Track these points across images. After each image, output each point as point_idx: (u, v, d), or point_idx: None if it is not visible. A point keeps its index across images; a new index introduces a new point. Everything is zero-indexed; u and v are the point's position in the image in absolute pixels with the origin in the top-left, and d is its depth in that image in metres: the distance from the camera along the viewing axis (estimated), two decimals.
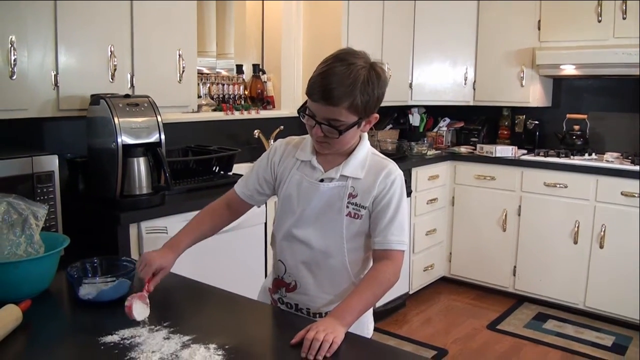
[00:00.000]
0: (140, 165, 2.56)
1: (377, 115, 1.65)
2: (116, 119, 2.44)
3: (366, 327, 1.82)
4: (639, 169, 3.91)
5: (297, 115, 1.68)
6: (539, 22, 4.45)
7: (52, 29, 2.44)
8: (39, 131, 2.80)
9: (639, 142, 4.40)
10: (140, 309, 1.58)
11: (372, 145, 1.81)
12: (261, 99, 4.09)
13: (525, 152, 4.67)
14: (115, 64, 2.68)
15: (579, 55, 4.24)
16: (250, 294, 1.88)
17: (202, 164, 3.15)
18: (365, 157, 1.72)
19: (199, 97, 3.58)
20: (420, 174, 4.36)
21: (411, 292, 4.48)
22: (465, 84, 4.86)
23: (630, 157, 4.17)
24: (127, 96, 2.57)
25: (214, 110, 3.74)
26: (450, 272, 4.86)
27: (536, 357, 3.67)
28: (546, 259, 4.32)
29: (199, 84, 3.55)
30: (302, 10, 4.22)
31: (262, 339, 1.64)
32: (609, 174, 4.02)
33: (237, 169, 3.32)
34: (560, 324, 4.14)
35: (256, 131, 3.83)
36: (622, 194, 3.95)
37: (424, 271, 4.58)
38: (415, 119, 5.11)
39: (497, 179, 4.50)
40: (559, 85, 4.83)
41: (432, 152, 4.75)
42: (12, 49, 2.30)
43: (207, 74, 3.83)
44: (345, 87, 1.53)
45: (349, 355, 1.47)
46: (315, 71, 1.59)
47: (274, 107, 4.19)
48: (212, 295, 1.86)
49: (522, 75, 4.57)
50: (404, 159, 4.38)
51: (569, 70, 4.40)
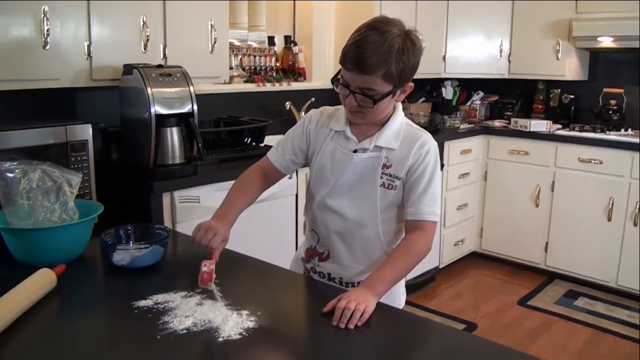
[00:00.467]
0: (173, 135, 2.57)
1: (412, 84, 1.62)
2: (149, 89, 2.45)
3: (398, 298, 1.81)
4: None
5: (329, 87, 1.67)
6: None
7: None
8: (73, 101, 2.83)
9: None
10: None
11: None
12: (292, 71, 4.07)
13: (560, 126, 4.58)
14: (147, 34, 2.68)
15: (616, 27, 4.12)
16: (281, 264, 1.88)
17: (234, 135, 3.16)
18: (399, 127, 1.70)
19: (231, 68, 3.58)
20: (452, 148, 4.32)
21: (441, 267, 4.47)
22: (500, 57, 4.77)
23: None
24: (159, 66, 2.58)
25: (246, 81, 3.73)
26: (481, 247, 4.83)
27: (566, 333, 3.64)
28: (579, 236, 4.26)
29: (230, 56, 3.54)
30: None
31: (294, 307, 1.64)
32: None
33: (269, 140, 3.33)
34: (591, 301, 4.09)
35: (287, 103, 3.83)
36: None
37: (455, 246, 4.56)
38: (448, 92, 5.04)
39: (531, 154, 4.44)
40: (596, 58, 4.70)
41: (464, 126, 4.69)
42: (44, 19, 2.31)
43: (239, 46, 3.82)
44: (379, 56, 1.50)
45: (380, 325, 1.47)
46: (348, 40, 1.57)
47: (305, 79, 4.17)
48: (245, 264, 1.87)
49: (558, 47, 4.46)
50: (436, 132, 4.33)
51: (606, 42, 4.28)
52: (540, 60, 4.60)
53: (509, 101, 4.99)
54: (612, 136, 4.17)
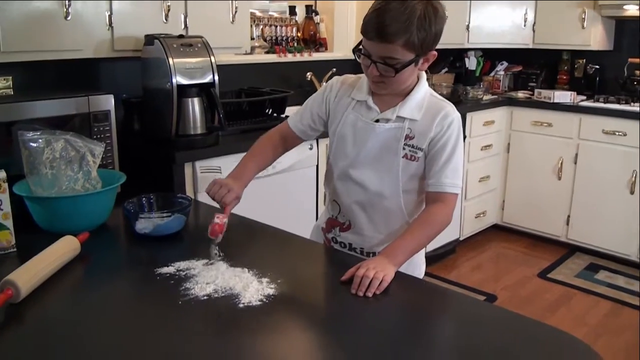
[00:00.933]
0: (194, 105, 2.58)
1: (435, 53, 1.60)
2: (170, 59, 2.46)
3: (418, 267, 1.82)
4: None
5: (350, 57, 1.66)
6: None
7: None
8: (95, 72, 2.85)
9: None
10: None
11: None
12: (314, 41, 4.05)
13: (584, 98, 4.50)
14: (168, 4, 2.68)
15: None
16: (301, 234, 1.89)
17: (255, 106, 3.16)
18: (423, 98, 1.68)
19: (252, 39, 3.57)
20: (475, 119, 4.28)
21: (462, 239, 4.46)
22: (524, 26, 4.69)
23: None
24: (180, 36, 2.58)
25: (267, 52, 3.72)
26: (502, 219, 4.81)
27: (586, 306, 3.63)
28: (601, 209, 4.22)
29: (251, 26, 3.53)
30: None
31: (313, 275, 1.66)
32: None
33: (290, 111, 3.32)
34: (611, 274, 4.07)
35: (308, 73, 3.81)
36: None
37: (476, 218, 4.55)
38: (471, 63, 4.98)
39: (554, 126, 4.38)
40: (622, 27, 4.59)
41: (488, 97, 4.64)
42: None
43: (260, 17, 3.80)
44: (400, 23, 1.48)
45: (399, 293, 1.48)
46: (370, 8, 1.55)
47: (326, 49, 4.14)
48: (266, 233, 1.89)
49: (583, 16, 4.37)
50: (459, 103, 4.29)
51: (632, 10, 4.19)
52: (565, 29, 4.51)
53: (533, 72, 4.92)
54: (636, 107, 4.09)
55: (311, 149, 3.00)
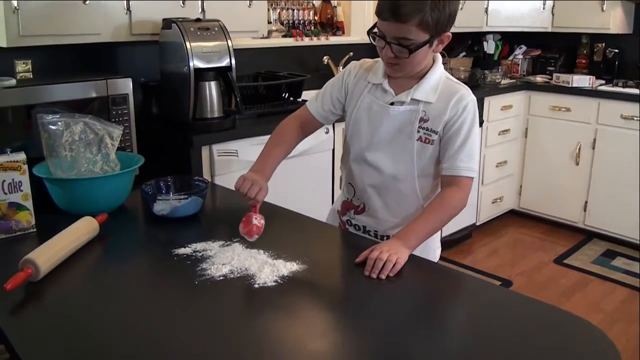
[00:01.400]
0: (211, 89, 2.59)
1: (449, 34, 1.59)
2: (188, 43, 2.47)
3: (432, 251, 1.82)
4: None
5: (367, 41, 1.65)
6: None
7: None
8: (113, 56, 2.87)
9: None
10: None
11: None
12: (331, 25, 4.04)
13: (603, 82, 4.45)
14: None
15: None
16: (317, 218, 1.91)
17: (271, 90, 3.17)
18: (438, 80, 1.67)
19: (269, 22, 3.57)
20: (493, 103, 4.25)
21: (478, 224, 4.45)
22: (543, 9, 4.63)
23: None
24: (198, 20, 2.59)
25: (284, 36, 3.73)
26: (519, 205, 4.78)
27: (602, 293, 3.62)
28: (619, 195, 4.17)
29: (269, 10, 3.53)
30: None
31: (328, 257, 1.67)
32: None
33: (306, 95, 3.32)
34: (628, 261, 4.04)
35: (325, 57, 3.81)
36: None
37: (492, 203, 4.53)
38: (490, 46, 4.93)
39: (573, 111, 4.34)
40: None
41: (506, 81, 4.60)
42: None
43: (277, 0, 3.80)
44: (414, 3, 1.48)
45: (413, 276, 1.49)
46: None
47: (343, 33, 4.13)
48: (282, 215, 1.91)
49: None
50: (477, 88, 4.26)
51: None
52: (584, 12, 4.44)
53: (552, 56, 4.87)
54: None
55: (327, 132, 3.00)
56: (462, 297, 1.50)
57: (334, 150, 3.10)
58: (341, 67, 3.81)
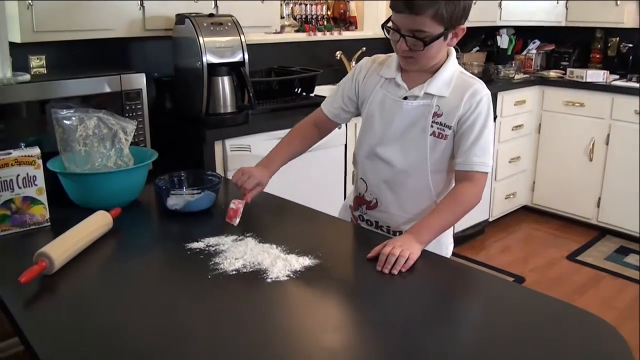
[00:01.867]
0: (224, 84, 2.60)
1: (464, 27, 1.59)
2: (201, 38, 2.47)
3: (445, 247, 1.82)
4: None
5: (380, 36, 1.65)
6: None
7: None
8: (127, 51, 2.88)
9: None
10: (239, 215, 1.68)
11: None
12: (344, 20, 4.03)
13: (617, 77, 4.41)
14: None
15: None
16: (329, 213, 1.91)
17: (284, 85, 3.17)
18: (452, 75, 1.66)
19: (282, 17, 3.57)
20: (506, 98, 4.23)
21: (491, 220, 4.43)
22: (557, 3, 4.59)
23: None
24: (211, 15, 2.59)
25: (297, 31, 3.72)
26: (532, 201, 4.75)
27: (614, 289, 3.60)
28: (632, 192, 4.13)
29: (281, 5, 3.53)
30: None
31: (340, 252, 1.67)
32: None
33: (319, 90, 3.32)
34: None
35: (338, 52, 3.80)
36: None
37: (505, 199, 4.51)
38: (503, 41, 4.90)
39: (587, 106, 4.30)
40: None
41: (519, 76, 4.57)
42: None
43: None
44: None
45: (425, 272, 1.49)
46: None
47: (356, 27, 4.12)
48: (295, 211, 1.91)
49: None
50: (490, 82, 4.22)
51: None
52: (598, 6, 4.39)
53: (566, 50, 4.83)
54: None
55: (340, 128, 2.99)
56: (474, 293, 1.50)
57: (346, 145, 3.10)
58: (354, 62, 3.80)
